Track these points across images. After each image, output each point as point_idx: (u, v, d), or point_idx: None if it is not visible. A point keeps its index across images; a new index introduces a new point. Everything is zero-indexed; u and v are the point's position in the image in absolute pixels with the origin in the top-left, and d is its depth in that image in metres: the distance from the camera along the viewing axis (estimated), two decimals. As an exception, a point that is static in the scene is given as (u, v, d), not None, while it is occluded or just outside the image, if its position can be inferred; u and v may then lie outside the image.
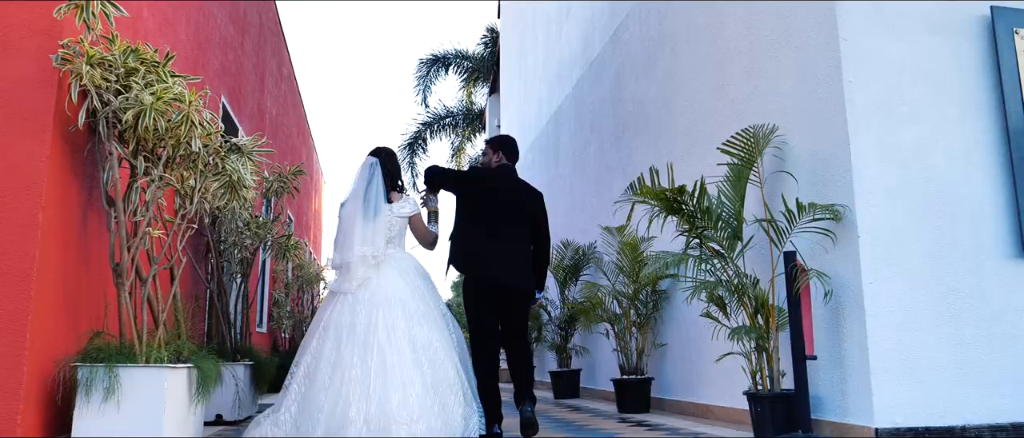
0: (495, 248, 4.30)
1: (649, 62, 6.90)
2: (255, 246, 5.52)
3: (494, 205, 4.38)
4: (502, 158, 4.58)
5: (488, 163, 4.65)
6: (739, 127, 5.01)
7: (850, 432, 3.75)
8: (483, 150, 4.89)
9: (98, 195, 3.61)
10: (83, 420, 3.13)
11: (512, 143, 4.67)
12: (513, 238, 4.36)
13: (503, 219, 4.36)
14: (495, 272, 4.26)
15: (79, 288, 3.49)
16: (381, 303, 3.66)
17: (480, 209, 4.37)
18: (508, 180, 4.50)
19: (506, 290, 4.27)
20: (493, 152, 4.62)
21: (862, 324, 3.75)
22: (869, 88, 4.01)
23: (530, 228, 4.46)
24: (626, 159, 7.44)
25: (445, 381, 3.61)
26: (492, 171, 4.54)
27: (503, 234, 4.33)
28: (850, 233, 3.88)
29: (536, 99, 12.02)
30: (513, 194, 4.46)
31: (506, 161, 4.58)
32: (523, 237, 4.42)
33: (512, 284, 4.28)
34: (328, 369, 3.54)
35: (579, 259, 7.95)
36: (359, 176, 4.01)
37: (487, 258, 4.28)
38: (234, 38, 7.03)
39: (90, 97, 3.22)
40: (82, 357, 3.22)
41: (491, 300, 4.26)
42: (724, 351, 4.88)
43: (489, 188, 4.43)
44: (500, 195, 4.41)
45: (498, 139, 4.70)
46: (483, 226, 4.33)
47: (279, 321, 9.73)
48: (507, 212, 4.39)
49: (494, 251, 4.29)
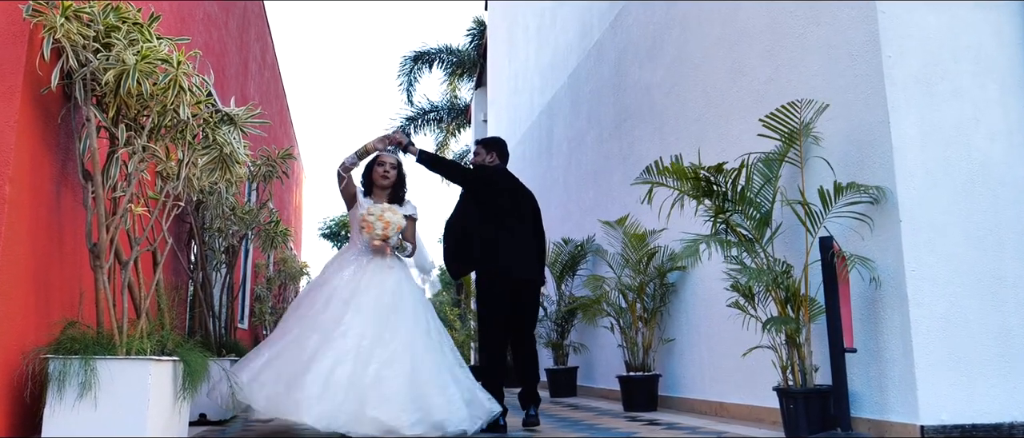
0: (507, 242, 4.51)
1: (654, 46, 6.63)
2: (242, 233, 5.16)
3: (503, 202, 4.59)
4: (495, 159, 4.78)
5: (481, 163, 4.79)
6: (758, 111, 4.76)
7: (891, 430, 3.50)
8: (474, 150, 4.90)
9: (73, 168, 3.25)
10: (55, 418, 2.77)
11: (505, 145, 4.90)
12: (521, 233, 4.62)
13: (511, 216, 4.59)
14: (509, 264, 4.48)
15: (50, 271, 3.12)
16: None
17: (491, 206, 4.56)
18: (511, 179, 4.75)
19: (519, 282, 4.51)
20: (486, 153, 4.79)
21: (904, 314, 3.49)
22: (908, 63, 3.77)
23: (532, 224, 4.73)
24: (627, 149, 7.17)
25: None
26: (496, 170, 4.72)
27: (513, 230, 4.56)
28: (889, 218, 3.63)
29: (527, 90, 11.72)
30: (516, 192, 4.71)
31: (499, 162, 4.78)
32: (528, 233, 4.69)
33: (525, 275, 4.54)
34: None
35: (577, 253, 7.66)
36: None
37: (500, 252, 4.48)
38: (218, 16, 6.65)
39: (65, 55, 2.86)
40: (54, 348, 2.86)
41: (503, 293, 4.46)
42: (745, 344, 4.63)
43: (500, 187, 4.62)
44: (506, 193, 4.64)
45: (491, 140, 4.88)
46: (494, 222, 4.52)
47: (261, 317, 9.32)
48: (514, 209, 4.62)
49: (506, 246, 4.50)
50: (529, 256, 4.61)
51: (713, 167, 3.84)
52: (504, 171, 4.78)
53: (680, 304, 5.79)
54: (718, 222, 3.98)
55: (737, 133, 5.10)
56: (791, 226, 4.19)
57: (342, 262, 4.18)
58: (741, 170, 3.86)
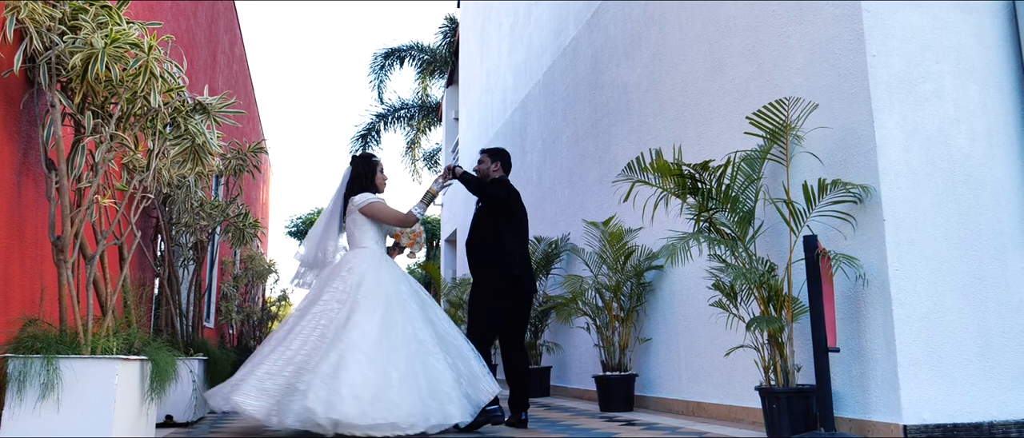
0: (520, 255, 4.63)
1: (632, 44, 6.60)
2: (211, 228, 5.00)
3: (517, 214, 4.71)
4: (499, 169, 4.81)
5: (486, 172, 4.82)
6: (739, 110, 4.75)
7: (874, 430, 3.49)
8: (479, 159, 4.91)
9: (35, 157, 3.09)
10: (14, 420, 2.62)
11: (509, 156, 4.94)
12: (525, 243, 4.76)
13: (521, 226, 4.72)
14: (520, 273, 4.56)
15: (10, 265, 2.96)
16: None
17: (508, 219, 4.66)
18: (517, 192, 4.82)
19: (525, 291, 4.61)
20: (491, 162, 4.81)
21: (888, 314, 3.49)
22: (892, 63, 3.76)
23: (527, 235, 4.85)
24: (603, 147, 7.12)
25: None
26: (511, 185, 4.82)
27: (521, 240, 4.71)
28: (873, 217, 3.62)
29: (500, 88, 11.64)
30: (520, 204, 4.80)
31: (503, 173, 4.82)
32: (527, 244, 4.81)
33: (531, 286, 4.67)
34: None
35: (550, 252, 7.60)
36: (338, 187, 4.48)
37: (516, 262, 4.57)
38: (187, 7, 6.46)
39: (29, 37, 2.71)
40: (13, 347, 2.71)
41: (508, 302, 4.54)
42: (723, 343, 4.60)
43: (516, 201, 4.75)
44: (518, 205, 4.75)
45: (496, 151, 4.89)
46: (511, 232, 4.64)
47: (227, 316, 9.10)
48: (522, 221, 4.75)
49: (522, 256, 4.64)
50: (530, 267, 4.73)
51: (699, 164, 3.80)
52: (510, 185, 4.85)
53: (657, 303, 5.75)
54: (701, 220, 3.94)
55: (716, 132, 5.08)
56: (772, 225, 4.17)
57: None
58: (726, 168, 3.83)
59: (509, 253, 4.55)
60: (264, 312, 10.66)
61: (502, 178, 4.81)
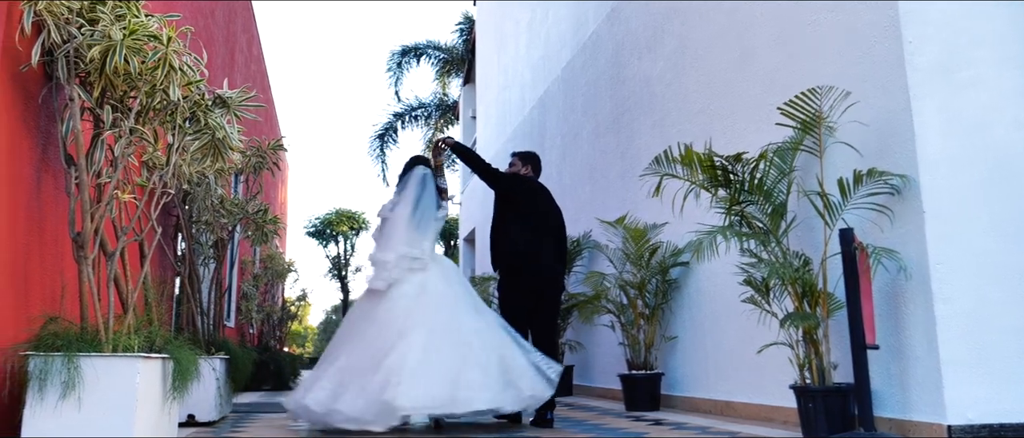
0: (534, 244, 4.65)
1: (655, 37, 6.48)
2: (231, 226, 4.95)
3: (534, 208, 4.75)
4: (529, 171, 4.95)
5: (516, 173, 4.94)
6: (766, 102, 4.63)
7: (916, 430, 3.37)
8: (511, 161, 5.15)
9: (55, 152, 3.04)
10: (35, 419, 2.57)
11: (539, 159, 5.09)
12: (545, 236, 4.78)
13: (538, 220, 4.75)
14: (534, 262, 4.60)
15: (30, 262, 2.91)
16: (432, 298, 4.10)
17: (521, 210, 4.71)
18: (543, 191, 4.89)
19: (543, 280, 4.63)
20: (522, 165, 4.96)
21: (929, 310, 3.36)
22: (928, 50, 3.63)
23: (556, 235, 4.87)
24: (626, 142, 7.02)
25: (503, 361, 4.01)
26: (527, 180, 4.88)
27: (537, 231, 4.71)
28: (912, 209, 3.50)
29: (517, 85, 11.54)
30: (547, 204, 4.87)
31: (532, 174, 4.95)
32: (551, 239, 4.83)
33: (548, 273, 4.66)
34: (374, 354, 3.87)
35: (572, 250, 7.50)
36: (412, 185, 4.41)
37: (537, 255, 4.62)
38: (205, 5, 6.43)
39: (47, 30, 2.66)
40: (34, 345, 2.66)
41: (527, 290, 4.58)
42: (752, 341, 4.49)
43: (526, 195, 4.77)
44: (535, 201, 4.79)
45: (527, 154, 5.05)
46: (520, 223, 4.68)
47: (248, 315, 9.10)
48: (543, 215, 4.79)
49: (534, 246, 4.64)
50: (551, 255, 4.76)
51: (731, 156, 3.69)
52: (536, 182, 4.92)
53: (683, 300, 5.64)
54: (732, 213, 3.83)
55: (743, 124, 4.97)
56: (805, 218, 4.05)
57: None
58: (760, 159, 3.71)
59: (512, 242, 4.65)
60: (284, 311, 10.64)
61: (515, 173, 4.91)
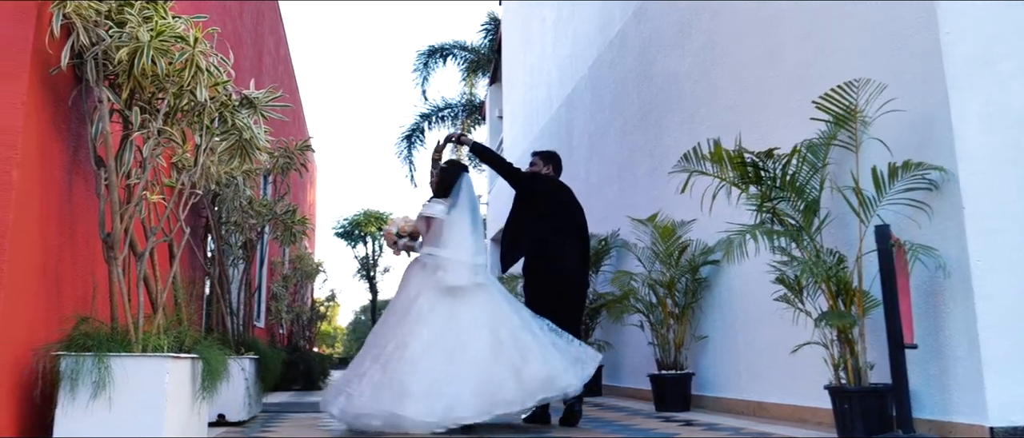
0: (556, 243, 4.65)
1: (682, 33, 6.40)
2: (260, 226, 4.97)
3: (553, 207, 4.77)
4: (550, 170, 4.97)
5: (537, 173, 4.96)
6: (797, 97, 4.54)
7: (956, 431, 3.27)
8: (532, 160, 5.14)
9: (85, 153, 3.07)
10: (67, 419, 2.60)
11: (560, 158, 5.09)
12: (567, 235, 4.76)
13: (559, 219, 4.75)
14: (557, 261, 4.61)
15: (62, 263, 2.95)
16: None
17: (541, 209, 4.73)
18: (564, 190, 4.90)
19: (565, 279, 4.65)
20: (543, 164, 4.98)
21: (970, 308, 3.26)
22: (968, 41, 3.53)
23: (578, 234, 4.85)
24: (654, 140, 6.94)
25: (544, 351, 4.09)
26: (547, 179, 4.90)
27: (560, 231, 4.72)
28: (950, 204, 3.40)
29: (544, 84, 11.50)
30: (567, 203, 4.86)
31: (553, 173, 4.97)
32: (573, 236, 4.81)
33: (569, 272, 4.66)
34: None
35: (601, 249, 7.44)
36: (465, 191, 4.43)
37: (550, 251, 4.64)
38: (232, 7, 6.48)
39: (75, 32, 2.68)
40: (66, 345, 2.69)
41: (549, 289, 4.60)
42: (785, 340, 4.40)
43: (546, 194, 4.80)
44: (556, 200, 4.80)
45: (548, 154, 5.06)
46: (542, 223, 4.70)
47: (277, 315, 9.17)
48: (563, 215, 4.79)
49: (555, 245, 4.65)
50: (580, 258, 4.78)
51: (763, 152, 3.61)
52: (557, 181, 4.93)
53: (713, 299, 5.56)
54: (764, 210, 3.75)
55: (773, 120, 4.88)
56: (839, 215, 3.96)
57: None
58: (793, 155, 3.63)
59: (532, 242, 4.67)
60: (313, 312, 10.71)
61: (536, 172, 4.95)
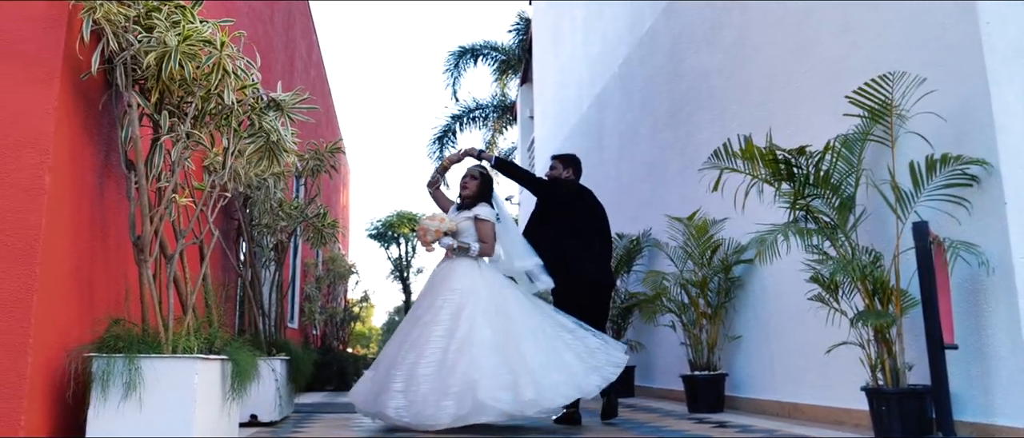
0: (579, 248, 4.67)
1: (713, 30, 6.32)
2: (291, 229, 5.02)
3: (577, 212, 4.80)
4: (570, 174, 4.97)
5: (557, 176, 4.97)
6: (830, 92, 4.44)
7: (999, 434, 3.16)
8: (552, 164, 5.15)
9: (116, 158, 3.12)
10: (99, 419, 2.64)
11: (579, 161, 5.09)
12: (590, 240, 4.78)
13: (583, 224, 4.78)
14: (581, 267, 4.63)
15: (94, 265, 2.99)
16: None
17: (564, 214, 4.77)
18: (585, 193, 4.95)
19: (591, 284, 4.66)
20: (563, 168, 4.98)
21: (1013, 307, 3.15)
22: (1009, 31, 3.41)
23: (600, 237, 4.88)
24: (685, 138, 6.85)
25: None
26: (569, 183, 4.92)
27: (582, 235, 4.74)
28: (992, 199, 3.29)
29: (574, 84, 11.44)
30: (589, 206, 4.89)
31: (573, 177, 4.97)
32: (595, 240, 4.84)
33: (595, 278, 4.70)
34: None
35: (632, 248, 7.37)
36: (496, 198, 4.63)
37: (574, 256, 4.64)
38: (264, 11, 6.56)
39: (105, 38, 2.73)
40: (98, 346, 2.73)
41: (574, 294, 4.61)
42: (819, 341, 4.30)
43: (570, 198, 4.82)
44: (579, 205, 4.83)
45: (568, 157, 5.06)
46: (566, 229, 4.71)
47: (310, 316, 9.26)
48: (587, 219, 4.82)
49: (578, 250, 4.67)
50: (599, 260, 4.79)
51: (795, 149, 3.54)
52: (578, 185, 4.96)
53: (747, 299, 5.47)
54: (797, 208, 3.67)
55: (805, 116, 4.78)
56: (874, 211, 3.86)
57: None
58: (826, 151, 3.55)
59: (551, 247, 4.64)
60: (346, 313, 10.79)
61: (556, 177, 4.96)
